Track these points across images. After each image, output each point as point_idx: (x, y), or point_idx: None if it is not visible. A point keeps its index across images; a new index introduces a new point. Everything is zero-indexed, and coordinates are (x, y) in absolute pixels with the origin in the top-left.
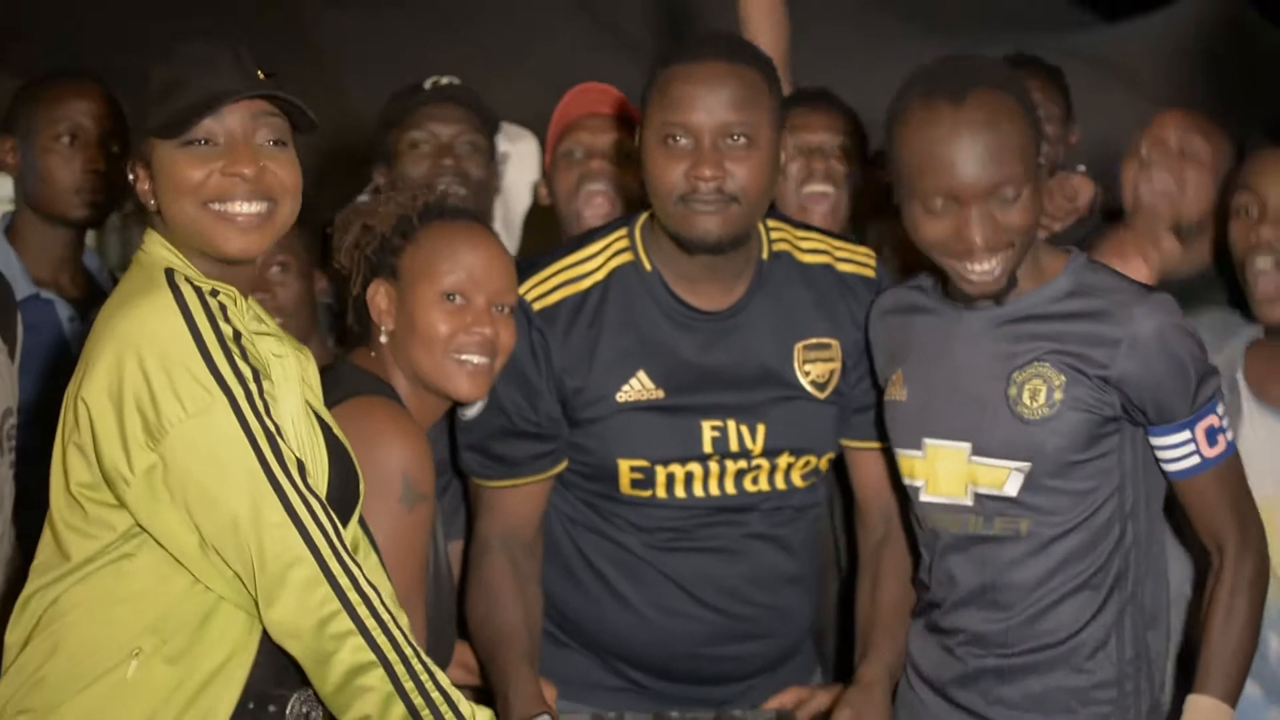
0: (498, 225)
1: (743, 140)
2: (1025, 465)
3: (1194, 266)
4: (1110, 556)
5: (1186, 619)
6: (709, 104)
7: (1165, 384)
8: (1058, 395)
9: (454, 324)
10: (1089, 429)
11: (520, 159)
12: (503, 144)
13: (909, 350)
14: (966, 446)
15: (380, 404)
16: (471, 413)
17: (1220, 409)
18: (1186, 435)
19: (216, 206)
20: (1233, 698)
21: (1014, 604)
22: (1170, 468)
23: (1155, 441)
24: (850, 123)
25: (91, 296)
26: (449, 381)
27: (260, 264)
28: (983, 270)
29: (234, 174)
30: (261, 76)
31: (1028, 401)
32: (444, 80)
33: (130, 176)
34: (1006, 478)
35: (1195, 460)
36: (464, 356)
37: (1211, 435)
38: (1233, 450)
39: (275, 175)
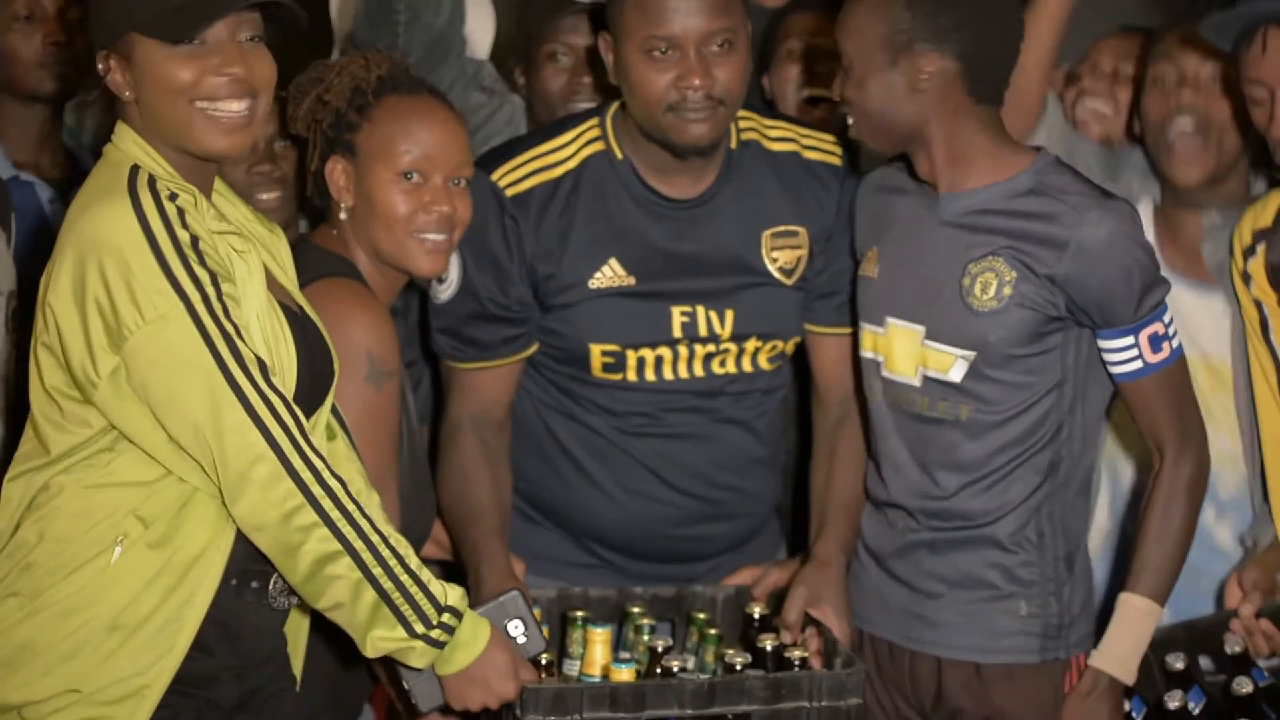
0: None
1: (725, 45)
2: (970, 354)
3: None
4: (1044, 448)
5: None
6: (690, 13)
7: (1110, 289)
8: (1007, 290)
9: (413, 203)
10: (1033, 325)
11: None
12: None
13: (886, 229)
14: (921, 329)
15: (342, 285)
16: (445, 296)
17: (1167, 317)
18: (1130, 340)
19: (204, 104)
20: (1163, 597)
21: (949, 483)
22: (1114, 370)
23: (1101, 344)
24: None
25: (73, 176)
26: (409, 259)
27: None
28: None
29: (225, 74)
30: None
31: (978, 293)
32: None
33: (100, 66)
34: (952, 364)
35: (1138, 365)
36: (424, 235)
37: (1155, 342)
38: (1177, 356)
39: (257, 71)
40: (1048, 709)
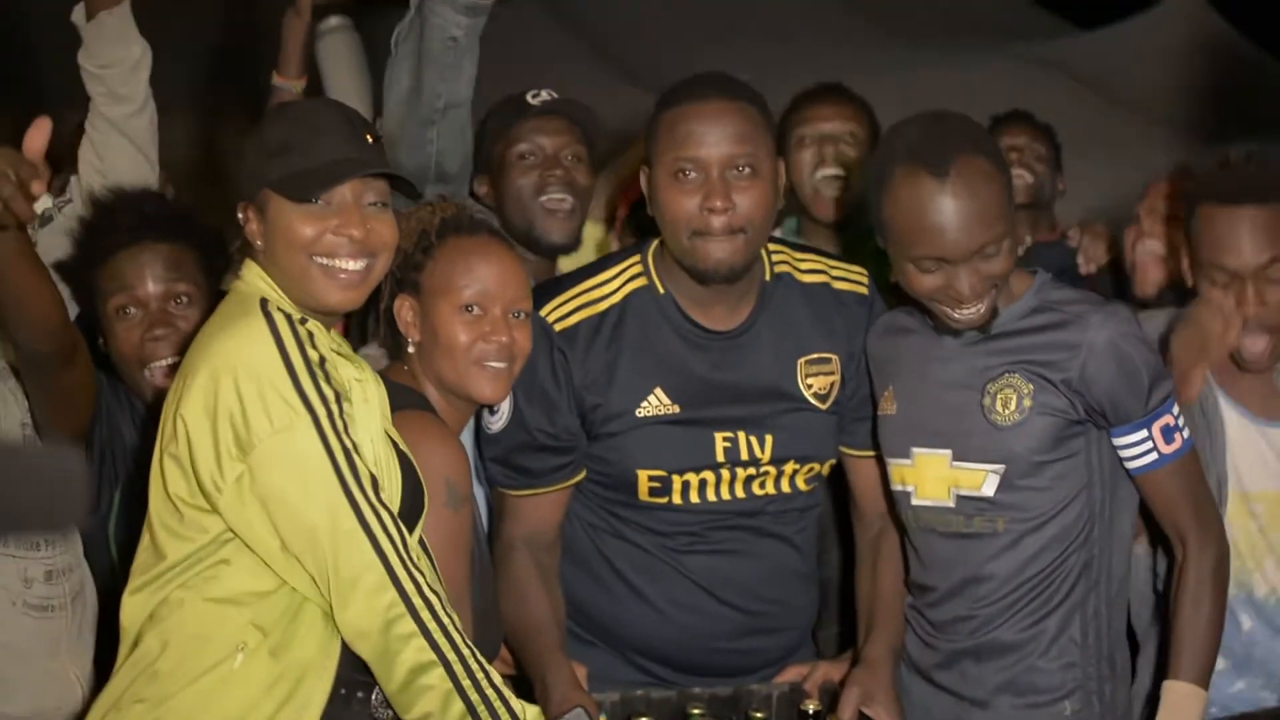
0: None
1: (747, 171)
2: (1000, 467)
3: None
4: (1079, 549)
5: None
6: (715, 138)
7: (1120, 386)
8: (1027, 402)
9: (473, 333)
10: (1056, 431)
11: None
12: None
13: (898, 368)
14: (948, 453)
15: (418, 416)
16: (496, 427)
17: (1175, 409)
18: (1144, 434)
19: (323, 261)
20: (1205, 680)
21: (991, 593)
22: (1131, 464)
23: (1116, 442)
24: (862, 111)
25: None
26: (472, 386)
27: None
28: (969, 313)
29: (344, 234)
30: (370, 140)
31: (1000, 409)
32: (544, 93)
33: (240, 216)
34: (984, 479)
35: (1153, 456)
36: (486, 363)
37: (1168, 433)
38: (1189, 448)
39: (378, 234)
40: None
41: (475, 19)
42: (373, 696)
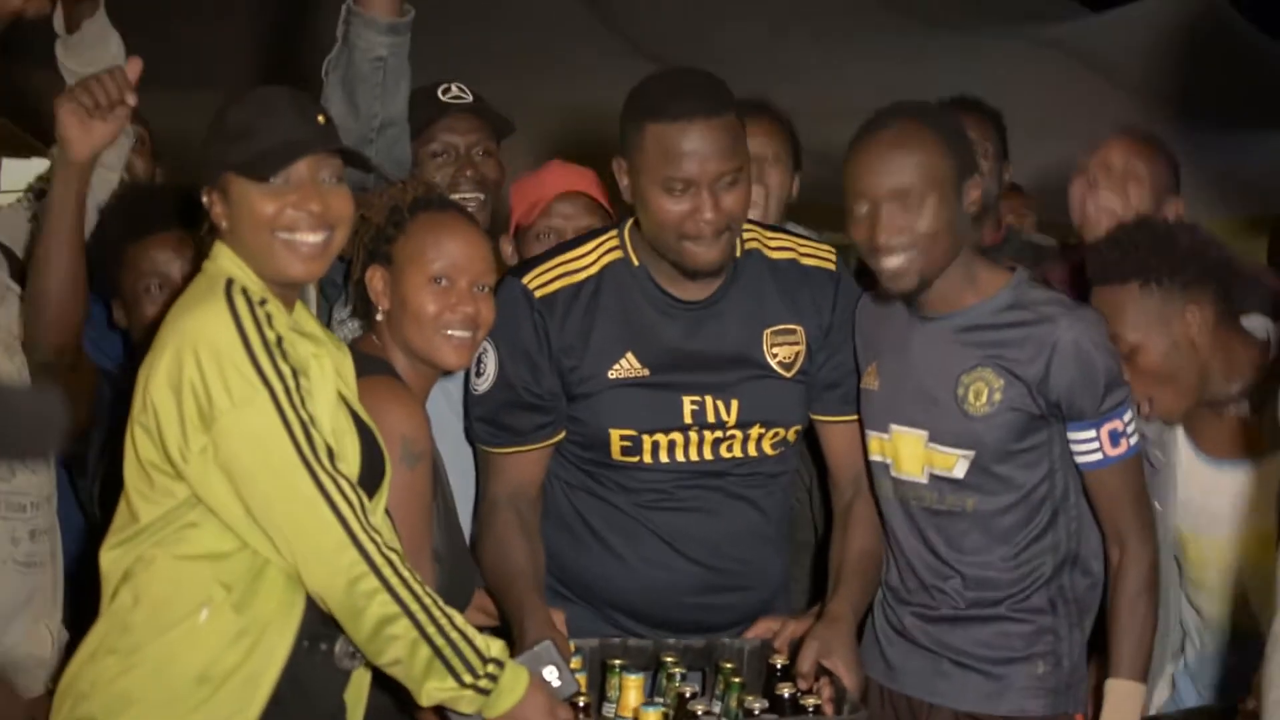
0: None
1: (733, 181)
2: (970, 453)
3: None
4: (1045, 531)
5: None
6: (705, 153)
7: (1077, 386)
8: (997, 396)
9: (440, 304)
10: (1022, 424)
11: None
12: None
13: (882, 346)
14: (924, 434)
15: (380, 381)
16: (483, 387)
17: (1128, 417)
18: (1092, 433)
19: (285, 235)
20: (1144, 675)
21: (962, 566)
22: (1079, 460)
23: (1069, 435)
24: (785, 129)
25: None
26: (437, 353)
27: None
28: (892, 266)
29: (303, 209)
30: (321, 120)
31: (972, 400)
32: (454, 88)
33: (205, 200)
34: (955, 463)
35: (1098, 456)
36: (450, 332)
37: (1115, 437)
38: (1133, 453)
39: (335, 208)
40: None
41: (398, 37)
42: (336, 648)
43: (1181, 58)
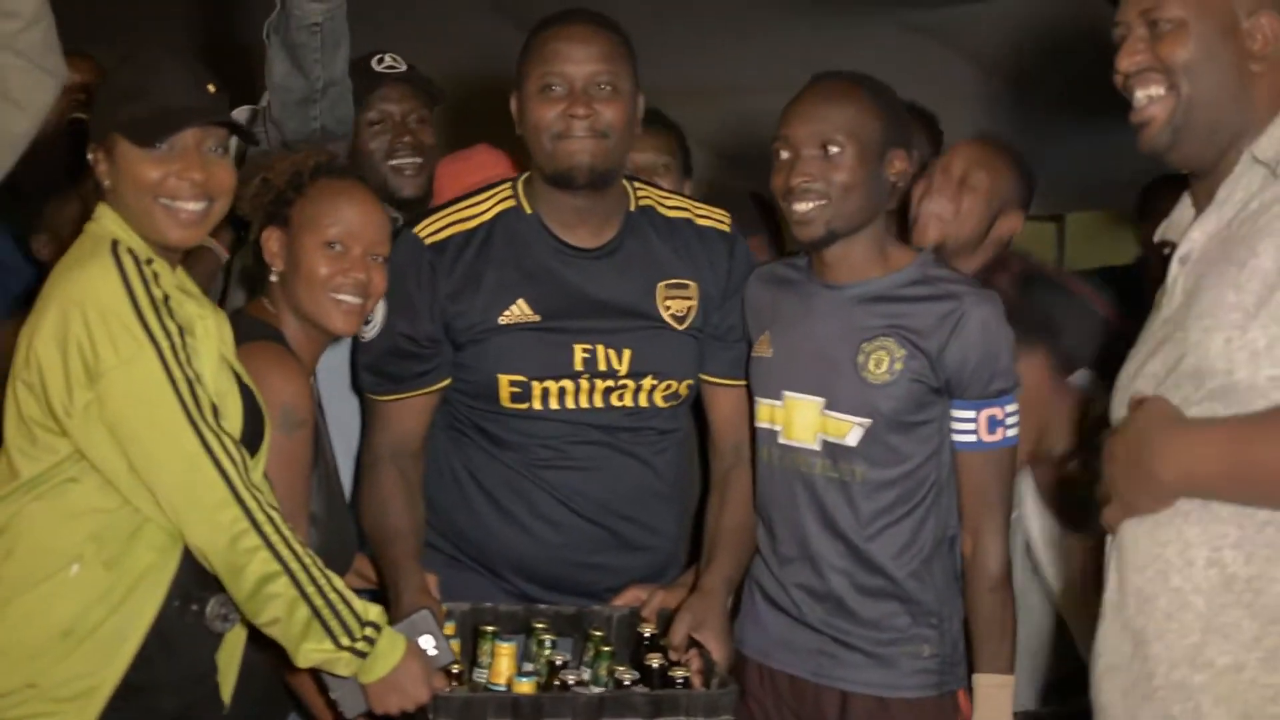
0: None
1: (609, 88)
2: (866, 421)
3: None
4: (928, 511)
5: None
6: (580, 56)
7: (969, 364)
8: (898, 365)
9: (333, 268)
10: (919, 396)
11: None
12: None
13: (778, 315)
14: (821, 401)
15: (264, 347)
16: (369, 335)
17: (1010, 408)
18: (971, 414)
19: (166, 202)
20: (1011, 666)
21: (846, 535)
22: (955, 439)
23: (951, 411)
24: (675, 138)
25: None
26: (326, 317)
27: None
28: (801, 209)
29: (186, 178)
30: (212, 90)
31: (872, 368)
32: (388, 58)
33: (90, 157)
34: (849, 430)
35: (972, 438)
36: (340, 296)
37: (992, 424)
38: (1007, 445)
39: (217, 179)
40: None
41: (332, 3)
42: (208, 609)
43: (1056, 48)
